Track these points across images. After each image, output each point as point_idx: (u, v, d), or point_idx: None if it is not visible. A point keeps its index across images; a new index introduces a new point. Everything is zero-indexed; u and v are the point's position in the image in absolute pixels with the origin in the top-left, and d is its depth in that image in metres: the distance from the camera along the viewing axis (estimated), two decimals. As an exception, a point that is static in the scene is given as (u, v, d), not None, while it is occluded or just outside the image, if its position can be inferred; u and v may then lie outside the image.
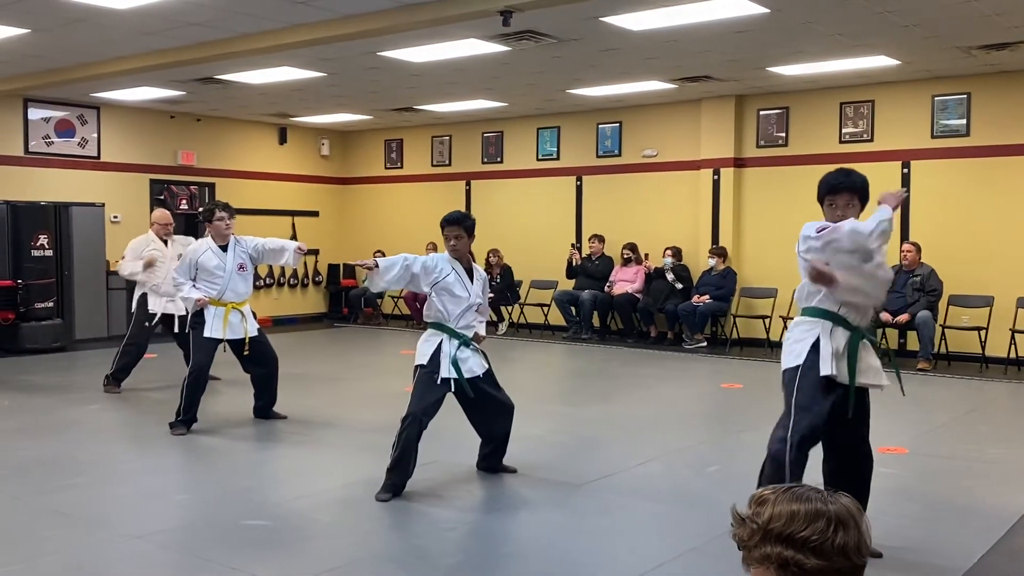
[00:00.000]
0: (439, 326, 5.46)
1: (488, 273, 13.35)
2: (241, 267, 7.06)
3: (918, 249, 10.28)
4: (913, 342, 10.38)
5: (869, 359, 4.09)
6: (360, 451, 6.33)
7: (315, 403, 8.00)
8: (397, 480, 5.26)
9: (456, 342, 5.41)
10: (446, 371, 5.34)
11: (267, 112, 13.74)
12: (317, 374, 9.82)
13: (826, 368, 4.00)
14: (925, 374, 9.66)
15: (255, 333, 7.12)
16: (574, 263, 12.83)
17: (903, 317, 10.01)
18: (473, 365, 5.46)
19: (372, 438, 6.61)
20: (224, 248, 7.05)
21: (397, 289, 6.97)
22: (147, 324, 8.56)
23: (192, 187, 13.98)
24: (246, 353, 7.07)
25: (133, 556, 4.32)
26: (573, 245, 13.13)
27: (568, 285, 13.01)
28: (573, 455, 6.28)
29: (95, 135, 12.90)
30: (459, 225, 5.49)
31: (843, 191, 4.04)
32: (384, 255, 15.77)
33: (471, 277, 5.54)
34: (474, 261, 5.76)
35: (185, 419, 6.83)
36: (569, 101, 12.42)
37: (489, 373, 5.58)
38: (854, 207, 4.03)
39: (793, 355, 4.13)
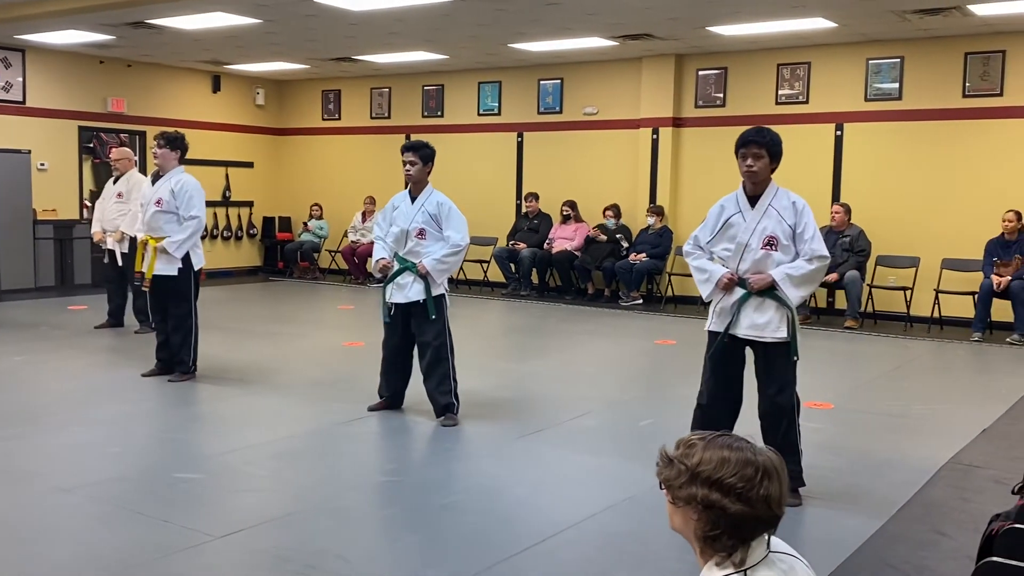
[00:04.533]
0: (395, 254, 5.83)
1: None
2: (158, 202, 6.77)
3: (848, 210, 10.50)
4: (841, 301, 10.65)
5: (755, 316, 4.40)
6: (295, 405, 6.29)
7: (250, 357, 7.91)
8: (381, 391, 5.99)
9: (398, 267, 5.77)
10: (388, 295, 5.78)
11: (200, 59, 13.38)
12: (252, 329, 9.71)
13: (710, 324, 4.51)
14: (852, 332, 9.92)
15: (158, 271, 6.78)
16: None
17: (832, 276, 10.23)
18: (410, 292, 5.73)
19: (308, 392, 6.59)
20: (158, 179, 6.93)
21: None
22: (104, 262, 8.97)
23: (122, 135, 13.59)
24: (145, 288, 6.84)
25: (62, 509, 4.25)
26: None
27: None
28: (510, 409, 6.33)
29: (20, 79, 12.43)
30: (414, 151, 5.76)
31: (752, 144, 4.38)
32: (321, 209, 15.54)
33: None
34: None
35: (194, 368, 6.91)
36: (511, 56, 12.33)
37: (421, 306, 5.72)
38: (762, 158, 4.37)
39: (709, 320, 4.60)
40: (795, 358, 4.40)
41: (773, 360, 4.40)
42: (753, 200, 4.43)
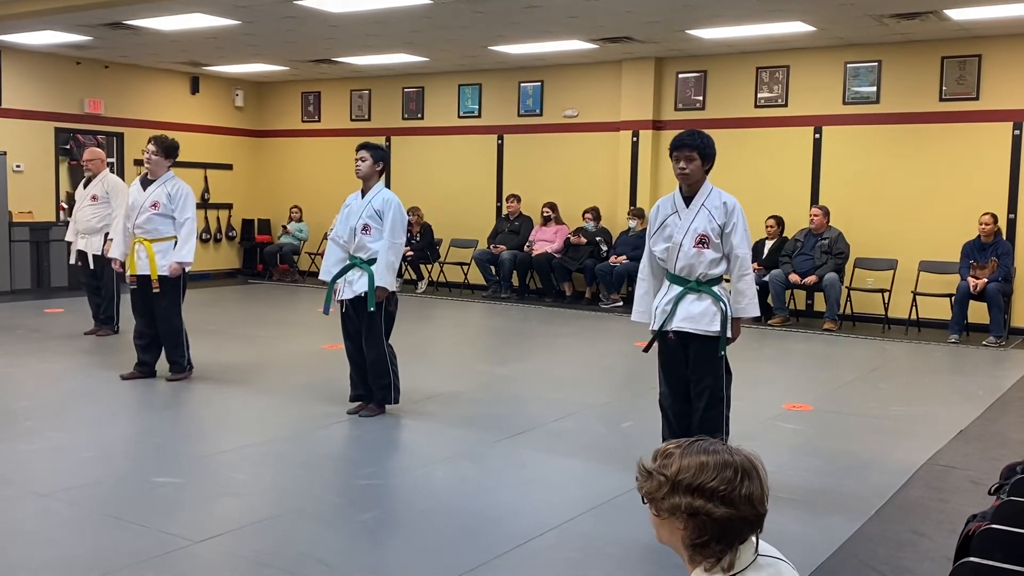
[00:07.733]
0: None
1: (408, 232, 13.24)
2: (154, 205, 6.86)
3: (826, 213, 10.57)
4: (820, 303, 10.71)
5: (690, 308, 4.57)
6: (275, 409, 6.26)
7: (230, 360, 7.87)
8: (351, 395, 6.03)
9: (348, 262, 5.91)
10: (339, 292, 5.92)
11: (179, 60, 13.30)
12: (231, 331, 9.66)
13: (652, 323, 4.69)
14: (831, 334, 9.98)
15: (160, 272, 6.84)
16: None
17: (811, 279, 10.30)
18: (357, 286, 5.85)
19: (287, 395, 6.55)
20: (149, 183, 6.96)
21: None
22: (77, 265, 8.95)
23: (99, 136, 13.48)
24: (155, 291, 6.82)
25: (39, 514, 4.21)
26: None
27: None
28: (490, 411, 6.33)
29: (-5, 80, 12.32)
30: (367, 149, 5.88)
31: (684, 147, 4.51)
32: (301, 211, 15.47)
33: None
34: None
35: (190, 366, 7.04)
36: (491, 58, 12.33)
37: (362, 299, 5.84)
38: (694, 160, 4.51)
39: None
40: (722, 353, 4.58)
41: (701, 353, 4.57)
42: (688, 200, 4.60)
